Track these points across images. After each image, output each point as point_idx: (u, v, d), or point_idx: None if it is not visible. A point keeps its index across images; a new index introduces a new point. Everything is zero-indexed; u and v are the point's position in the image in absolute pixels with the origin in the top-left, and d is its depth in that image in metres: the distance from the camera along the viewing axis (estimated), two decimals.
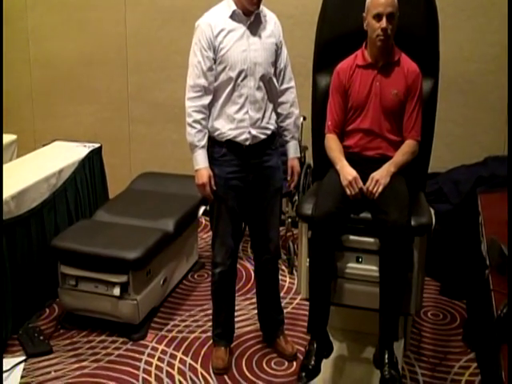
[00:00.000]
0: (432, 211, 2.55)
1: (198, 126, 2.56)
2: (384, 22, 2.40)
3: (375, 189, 2.40)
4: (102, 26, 4.46)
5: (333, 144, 2.58)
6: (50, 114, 4.70)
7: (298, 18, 3.86)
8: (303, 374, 2.37)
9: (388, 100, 2.51)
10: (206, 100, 2.56)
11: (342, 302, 2.50)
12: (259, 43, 2.56)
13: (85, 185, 3.65)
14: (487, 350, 2.37)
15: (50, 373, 2.80)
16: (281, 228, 3.06)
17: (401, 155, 2.51)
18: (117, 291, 2.96)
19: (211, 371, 2.80)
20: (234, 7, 2.53)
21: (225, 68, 2.54)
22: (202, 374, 2.80)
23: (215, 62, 2.54)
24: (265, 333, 3.00)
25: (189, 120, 2.57)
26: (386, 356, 2.35)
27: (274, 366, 2.85)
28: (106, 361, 2.89)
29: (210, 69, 2.53)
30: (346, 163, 2.49)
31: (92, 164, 3.74)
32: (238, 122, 2.58)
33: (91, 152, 3.73)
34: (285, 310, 3.07)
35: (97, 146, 3.83)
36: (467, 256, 3.16)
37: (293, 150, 2.78)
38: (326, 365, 2.58)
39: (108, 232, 3.17)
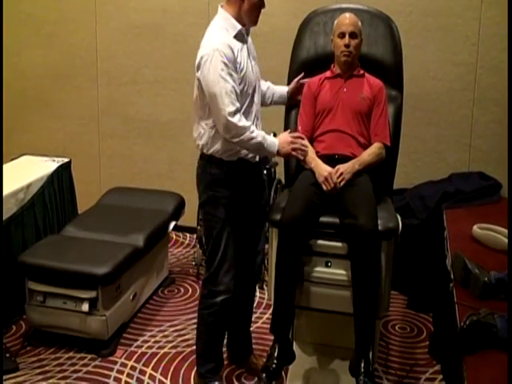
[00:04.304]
0: (398, 217, 2.61)
1: (254, 130, 2.41)
2: (347, 39, 2.64)
3: (338, 180, 2.49)
4: (73, 40, 4.45)
5: None
6: (18, 128, 4.65)
7: (268, 35, 3.92)
8: (264, 374, 2.44)
9: (356, 102, 2.66)
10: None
11: (312, 305, 2.54)
12: (254, 61, 2.59)
13: (53, 200, 3.61)
14: (452, 362, 2.41)
15: None
16: None
17: (367, 155, 2.62)
18: (85, 307, 2.94)
19: None
20: (239, 26, 2.43)
21: (244, 87, 2.45)
22: None
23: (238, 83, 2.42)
24: (232, 353, 2.93)
25: (249, 134, 2.38)
26: (362, 365, 2.39)
27: (244, 380, 2.86)
28: (74, 378, 2.85)
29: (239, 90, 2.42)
30: (319, 161, 2.58)
31: (61, 179, 3.70)
32: None
33: (60, 167, 3.70)
34: (254, 325, 3.08)
35: (66, 160, 3.80)
36: (433, 270, 3.22)
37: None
38: (296, 377, 2.60)
39: (77, 247, 3.14)
